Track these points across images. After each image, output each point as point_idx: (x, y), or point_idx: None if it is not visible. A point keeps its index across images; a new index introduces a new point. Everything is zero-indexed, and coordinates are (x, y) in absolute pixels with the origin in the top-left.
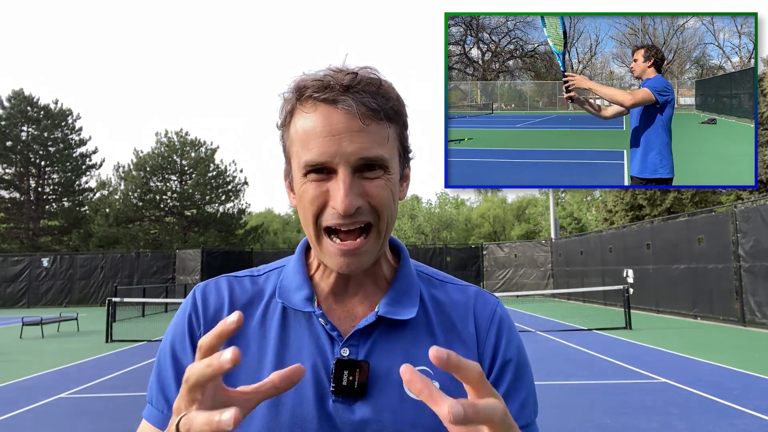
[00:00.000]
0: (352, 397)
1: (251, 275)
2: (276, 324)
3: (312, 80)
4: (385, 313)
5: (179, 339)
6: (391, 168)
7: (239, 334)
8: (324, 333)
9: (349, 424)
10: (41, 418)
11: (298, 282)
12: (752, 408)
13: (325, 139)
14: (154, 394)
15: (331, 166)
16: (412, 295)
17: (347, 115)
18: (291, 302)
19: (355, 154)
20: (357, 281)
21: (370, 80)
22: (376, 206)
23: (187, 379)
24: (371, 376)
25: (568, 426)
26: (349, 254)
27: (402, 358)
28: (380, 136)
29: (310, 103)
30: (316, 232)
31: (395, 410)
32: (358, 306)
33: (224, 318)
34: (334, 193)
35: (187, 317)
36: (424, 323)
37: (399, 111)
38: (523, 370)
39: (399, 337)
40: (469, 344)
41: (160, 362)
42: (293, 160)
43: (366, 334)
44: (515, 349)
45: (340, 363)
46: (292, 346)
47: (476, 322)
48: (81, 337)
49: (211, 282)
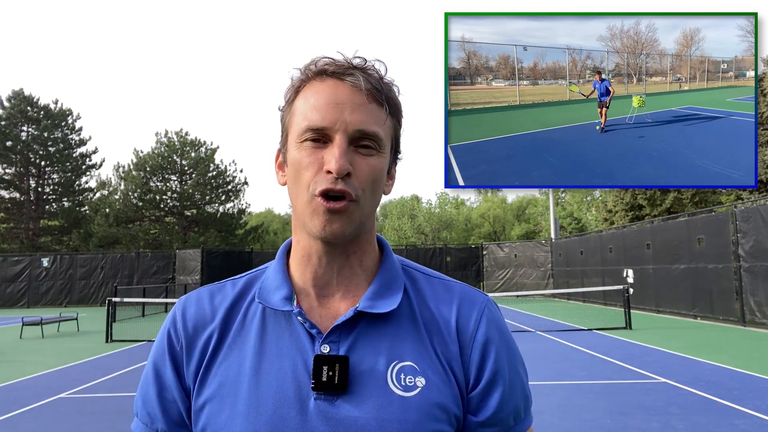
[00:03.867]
0: (333, 393)
1: (232, 280)
2: (255, 327)
3: (324, 57)
4: (365, 308)
5: (160, 356)
6: (383, 150)
7: (221, 341)
8: (304, 332)
9: (332, 420)
10: (41, 418)
11: (278, 281)
12: (752, 408)
13: (329, 105)
14: (139, 408)
15: (329, 133)
16: (394, 288)
17: (353, 89)
18: (270, 303)
19: (354, 124)
20: (340, 273)
21: (377, 69)
22: (362, 180)
23: None
24: (354, 372)
25: (568, 426)
26: (334, 213)
27: (386, 353)
28: (379, 117)
29: (320, 77)
30: (308, 195)
31: (379, 406)
32: (341, 302)
33: (207, 328)
34: (329, 157)
35: (167, 334)
36: (409, 316)
37: (398, 106)
38: (514, 373)
39: (382, 332)
40: (451, 340)
41: (144, 377)
42: (291, 132)
43: (347, 330)
44: (503, 356)
45: (318, 359)
46: (271, 348)
47: (459, 323)
48: (81, 337)
49: (192, 295)
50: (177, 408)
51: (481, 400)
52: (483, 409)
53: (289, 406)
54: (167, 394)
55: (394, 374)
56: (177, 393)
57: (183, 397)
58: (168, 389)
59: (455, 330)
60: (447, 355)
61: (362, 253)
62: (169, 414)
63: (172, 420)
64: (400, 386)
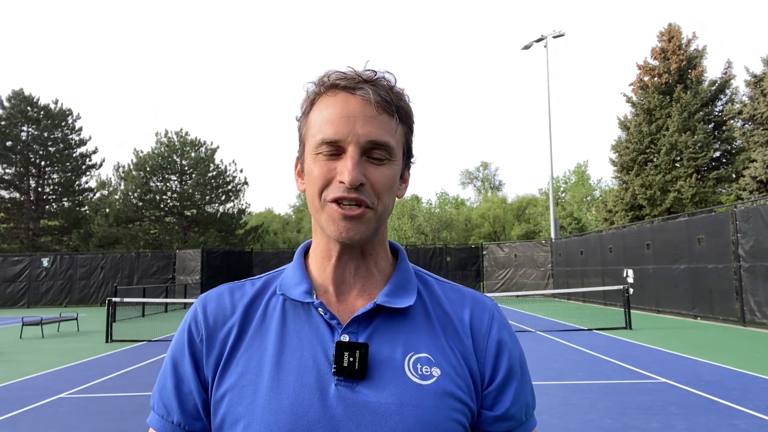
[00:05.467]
0: (353, 379)
1: (251, 280)
2: (276, 319)
3: (335, 71)
4: (384, 302)
5: (179, 349)
6: (395, 158)
7: (241, 334)
8: (323, 323)
9: (352, 405)
10: (41, 418)
11: (298, 278)
12: (752, 408)
13: (341, 119)
14: (156, 401)
15: (342, 145)
16: (409, 288)
17: (363, 101)
18: (291, 294)
19: (365, 135)
20: (356, 272)
21: (387, 80)
22: (377, 189)
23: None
24: (373, 361)
25: (568, 426)
26: (350, 219)
27: (402, 344)
28: (390, 127)
29: (332, 91)
30: (320, 203)
31: (398, 392)
32: (357, 299)
33: (228, 322)
34: (342, 169)
35: (187, 328)
36: (423, 313)
37: (408, 113)
38: (523, 372)
39: (399, 325)
40: (465, 335)
41: (163, 371)
42: (308, 143)
43: (366, 321)
44: (516, 355)
45: (340, 345)
46: (291, 338)
47: (473, 321)
48: (81, 337)
49: (213, 292)
50: (193, 400)
51: (498, 395)
52: (499, 403)
53: (309, 392)
54: (184, 387)
55: (411, 364)
56: (194, 386)
57: (200, 390)
58: (185, 382)
59: (469, 326)
60: (462, 349)
61: (376, 255)
62: (185, 406)
63: (188, 412)
64: (417, 375)
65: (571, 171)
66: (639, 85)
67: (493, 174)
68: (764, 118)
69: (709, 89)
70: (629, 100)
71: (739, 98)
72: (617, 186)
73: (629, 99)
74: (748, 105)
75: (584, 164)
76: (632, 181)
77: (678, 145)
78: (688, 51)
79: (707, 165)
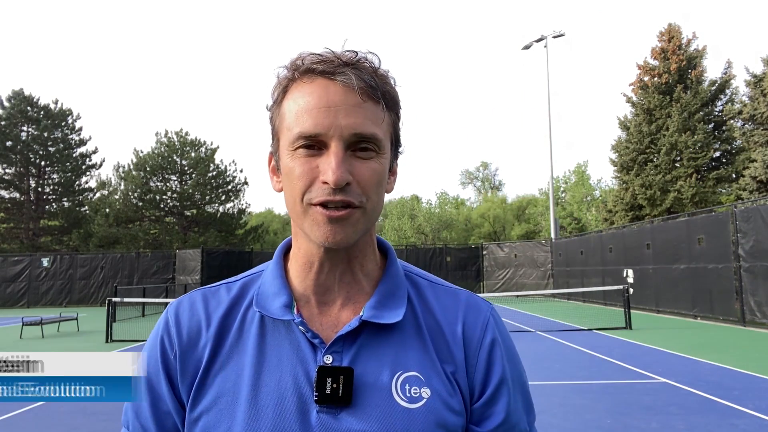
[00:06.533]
0: (337, 406)
1: (227, 284)
2: (254, 335)
3: (310, 54)
4: (370, 318)
5: (153, 366)
6: (383, 151)
7: (217, 350)
8: (305, 341)
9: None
10: (41, 418)
11: (276, 288)
12: (752, 408)
13: (321, 110)
14: (131, 420)
15: (323, 140)
16: (399, 296)
17: (345, 89)
18: (269, 311)
19: (349, 128)
20: (341, 279)
21: (370, 62)
22: (364, 187)
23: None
24: (358, 384)
25: (568, 426)
26: (336, 222)
27: (391, 363)
28: (376, 116)
29: (308, 76)
30: (302, 207)
31: (383, 419)
32: (342, 311)
33: (202, 337)
34: (325, 167)
35: (159, 342)
36: (413, 326)
37: (395, 99)
38: (517, 385)
39: (386, 342)
40: (457, 348)
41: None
42: (282, 137)
43: (351, 339)
44: (509, 366)
45: (322, 370)
46: (270, 357)
47: (466, 331)
48: (81, 337)
49: (185, 299)
50: (172, 420)
51: (486, 410)
52: (488, 419)
53: (290, 419)
54: (162, 406)
55: (399, 385)
56: (171, 404)
57: (178, 410)
58: (162, 400)
59: (461, 336)
60: (452, 364)
61: (363, 257)
62: (164, 426)
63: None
64: (405, 397)
65: (571, 171)
66: (639, 85)
67: (493, 174)
68: (764, 118)
69: (709, 89)
70: (629, 100)
71: (739, 98)
72: (617, 186)
73: (629, 99)
74: (748, 105)
75: (584, 164)
76: (632, 181)
77: (678, 145)
78: (688, 51)
79: (707, 165)
